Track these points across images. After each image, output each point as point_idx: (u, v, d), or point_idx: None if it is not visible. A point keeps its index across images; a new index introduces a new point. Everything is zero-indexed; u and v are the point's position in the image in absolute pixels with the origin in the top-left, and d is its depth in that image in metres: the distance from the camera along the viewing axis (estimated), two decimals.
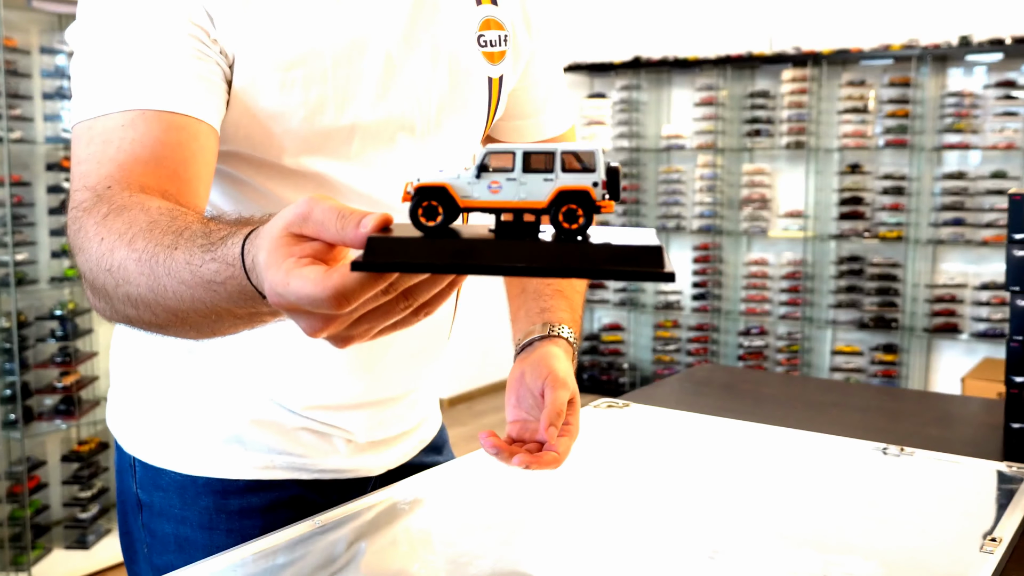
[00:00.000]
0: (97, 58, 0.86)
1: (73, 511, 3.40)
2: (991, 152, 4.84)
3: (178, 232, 0.72)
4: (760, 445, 1.30)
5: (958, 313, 4.97)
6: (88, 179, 0.83)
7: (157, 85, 0.85)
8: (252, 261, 0.63)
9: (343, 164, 0.97)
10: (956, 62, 4.94)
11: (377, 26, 0.96)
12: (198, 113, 0.86)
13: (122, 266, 0.74)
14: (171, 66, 0.86)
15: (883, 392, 2.02)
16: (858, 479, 1.18)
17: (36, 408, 3.31)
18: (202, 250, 0.68)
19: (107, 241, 0.76)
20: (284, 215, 0.60)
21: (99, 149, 0.84)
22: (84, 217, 0.80)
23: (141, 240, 0.73)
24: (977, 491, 1.15)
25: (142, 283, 0.73)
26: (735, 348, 5.62)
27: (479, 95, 1.06)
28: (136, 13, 0.86)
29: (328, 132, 0.95)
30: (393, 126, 0.99)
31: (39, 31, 3.32)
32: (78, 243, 0.80)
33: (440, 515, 1.07)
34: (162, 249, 0.71)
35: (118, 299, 0.76)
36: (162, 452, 1.05)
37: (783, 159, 5.45)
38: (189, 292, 0.70)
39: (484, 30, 1.05)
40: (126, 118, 0.84)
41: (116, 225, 0.76)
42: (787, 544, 0.96)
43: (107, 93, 0.85)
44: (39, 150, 3.34)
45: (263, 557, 0.91)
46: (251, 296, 0.66)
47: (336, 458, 1.07)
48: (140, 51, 0.85)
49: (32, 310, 3.31)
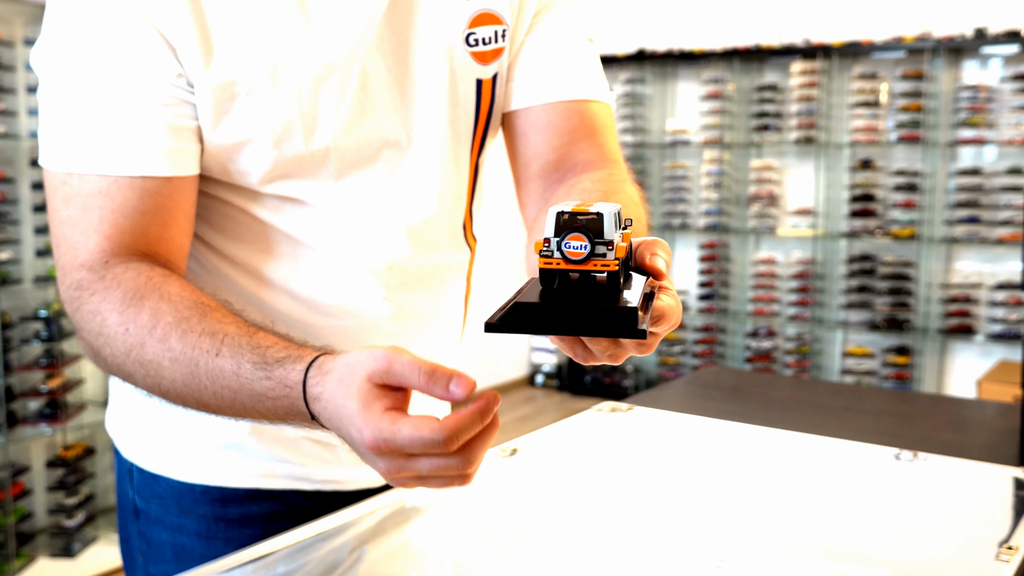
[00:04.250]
0: (66, 104, 0.88)
1: (58, 518, 3.41)
2: (1007, 147, 4.84)
3: (216, 336, 0.79)
4: (769, 450, 1.31)
5: (973, 314, 4.97)
6: (78, 254, 0.87)
7: (131, 149, 0.87)
8: (322, 395, 0.72)
9: (322, 186, 0.96)
10: (971, 54, 4.94)
11: (347, 45, 0.92)
12: (174, 171, 0.89)
13: (156, 363, 0.81)
14: (143, 123, 0.87)
15: (895, 395, 2.02)
16: (870, 485, 1.18)
17: (20, 412, 3.31)
18: (254, 367, 0.76)
19: (133, 334, 0.82)
20: (364, 364, 0.69)
21: (79, 215, 0.87)
22: (94, 300, 0.85)
23: (175, 340, 0.80)
24: (993, 498, 1.15)
25: (178, 380, 0.81)
26: (742, 350, 5.62)
27: (466, 100, 1.01)
28: (104, 49, 0.86)
29: (299, 157, 0.94)
30: (376, 144, 0.97)
31: (24, 22, 3.32)
32: (90, 326, 0.85)
33: (439, 522, 1.07)
34: (202, 354, 0.79)
35: (143, 382, 0.84)
36: (160, 459, 1.06)
37: (792, 155, 5.45)
38: (231, 396, 0.78)
39: (476, 27, 0.99)
40: (101, 184, 0.87)
41: (141, 318, 0.82)
42: (796, 552, 0.97)
43: (79, 152, 0.87)
44: (23, 145, 3.34)
45: (261, 565, 0.91)
46: (298, 414, 0.75)
47: (339, 468, 1.07)
48: (111, 104, 0.87)
49: (16, 311, 3.31)
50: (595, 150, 1.03)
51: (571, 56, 1.04)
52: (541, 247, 0.65)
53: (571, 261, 0.64)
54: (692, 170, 5.71)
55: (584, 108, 1.03)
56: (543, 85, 1.03)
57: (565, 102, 1.03)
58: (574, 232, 0.64)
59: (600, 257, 0.64)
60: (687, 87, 5.75)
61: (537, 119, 1.03)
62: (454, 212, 1.06)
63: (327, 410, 0.72)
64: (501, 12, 1.00)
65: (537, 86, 1.03)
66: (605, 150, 1.03)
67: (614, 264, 0.64)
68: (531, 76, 1.03)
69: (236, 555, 0.92)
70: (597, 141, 1.03)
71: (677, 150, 5.77)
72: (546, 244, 0.65)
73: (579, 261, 0.64)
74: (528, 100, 1.03)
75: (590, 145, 1.03)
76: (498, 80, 1.03)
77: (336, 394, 0.71)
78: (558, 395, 5.95)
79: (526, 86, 1.04)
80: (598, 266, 0.64)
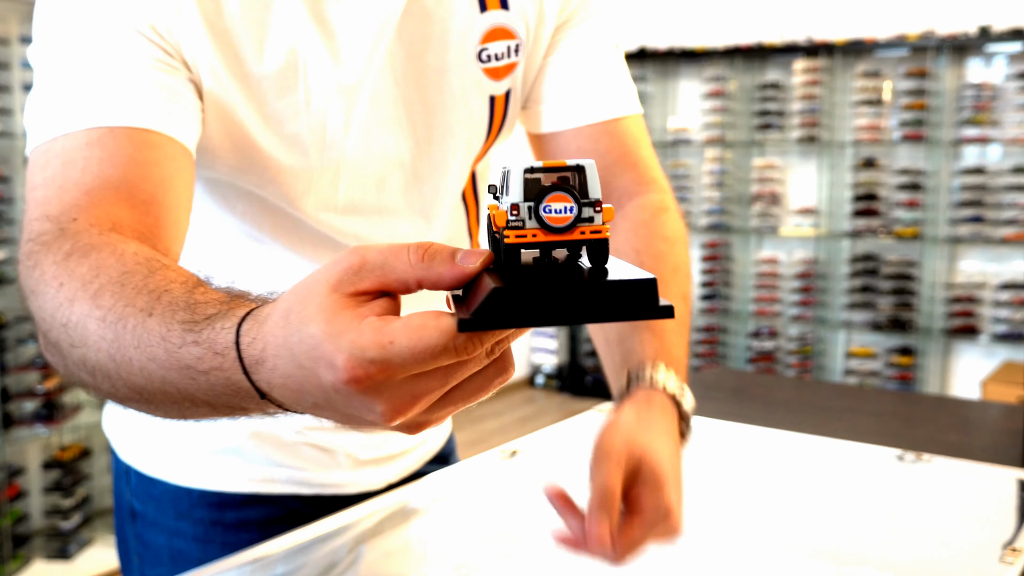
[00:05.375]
0: (55, 78, 0.79)
1: (54, 520, 3.41)
2: (1012, 146, 4.84)
3: (155, 293, 0.61)
4: (771, 451, 1.31)
5: (977, 314, 4.97)
6: (49, 206, 0.73)
7: (126, 99, 0.76)
8: (264, 352, 0.52)
9: (326, 202, 0.94)
10: (975, 52, 4.94)
11: (359, 62, 0.89)
12: (173, 132, 0.78)
13: (81, 324, 0.63)
14: (139, 79, 0.78)
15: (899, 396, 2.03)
16: (873, 487, 1.18)
17: (16, 413, 3.31)
18: (183, 327, 0.57)
19: (67, 288, 0.65)
20: (324, 275, 0.49)
21: (59, 172, 0.74)
22: (41, 252, 0.69)
23: (109, 295, 0.62)
24: (997, 500, 1.15)
25: (103, 349, 0.62)
26: (744, 351, 5.62)
27: (478, 118, 0.98)
28: (97, 28, 0.78)
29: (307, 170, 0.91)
30: (382, 162, 0.94)
31: (19, 20, 3.32)
32: (31, 284, 0.69)
33: (438, 525, 1.07)
34: (133, 313, 0.60)
35: (73, 361, 0.65)
36: (157, 462, 1.06)
37: (795, 154, 5.46)
38: (160, 373, 0.58)
39: (488, 42, 0.95)
40: (91, 136, 0.75)
41: (80, 269, 0.65)
42: (799, 554, 0.97)
43: (67, 111, 0.76)
44: (19, 144, 3.34)
45: (259, 566, 0.91)
46: (238, 391, 0.55)
47: (338, 472, 1.07)
48: (105, 66, 0.77)
49: (12, 311, 3.31)
50: (629, 173, 1.01)
51: (597, 73, 1.00)
52: (506, 217, 0.49)
53: (553, 230, 0.49)
54: (694, 169, 5.71)
55: (614, 128, 1.00)
56: (569, 109, 1.00)
57: (593, 125, 1.00)
58: (557, 192, 0.49)
59: (587, 222, 0.50)
60: (689, 85, 5.75)
61: (567, 145, 1.01)
62: (455, 223, 1.06)
63: (277, 370, 0.51)
64: (515, 27, 0.96)
65: (563, 110, 1.00)
66: (640, 169, 1.01)
67: (605, 230, 0.50)
68: (557, 99, 1.00)
69: (233, 557, 0.92)
70: (631, 161, 1.01)
71: (679, 149, 5.77)
72: (514, 212, 0.49)
73: (563, 229, 0.49)
74: (556, 124, 1.01)
75: (623, 168, 1.01)
76: (512, 96, 1.00)
77: (285, 336, 0.50)
78: (558, 396, 5.95)
79: (553, 110, 1.00)
80: (587, 233, 0.50)
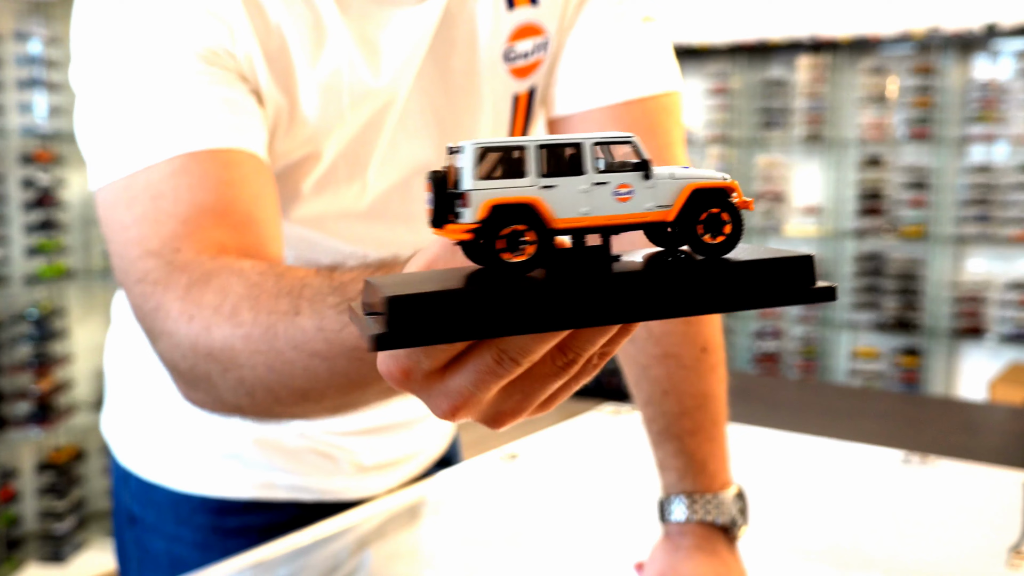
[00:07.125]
0: (118, 111, 0.76)
1: (48, 523, 3.41)
2: (1019, 144, 4.84)
3: (294, 292, 0.61)
4: (775, 453, 1.31)
5: (983, 314, 4.97)
6: (148, 243, 0.71)
7: (200, 122, 0.74)
8: None
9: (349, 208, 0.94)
10: (981, 49, 4.94)
11: (395, 84, 0.87)
12: (251, 146, 0.76)
13: (227, 347, 0.64)
14: (207, 99, 0.75)
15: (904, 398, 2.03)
16: (878, 489, 1.19)
17: (9, 415, 3.31)
18: (336, 311, 0.57)
19: (199, 319, 0.66)
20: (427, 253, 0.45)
21: (149, 207, 0.72)
22: (159, 292, 0.69)
23: (246, 311, 0.63)
24: (1003, 503, 1.16)
25: (259, 363, 0.63)
26: (748, 351, 5.62)
27: (500, 117, 0.96)
28: (155, 55, 0.75)
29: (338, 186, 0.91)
30: (406, 169, 0.94)
31: (13, 16, 3.32)
32: (156, 327, 0.70)
33: (437, 528, 1.07)
34: (279, 318, 0.61)
35: (227, 387, 0.66)
36: (158, 467, 1.06)
37: (799, 152, 5.46)
38: (325, 366, 0.59)
39: (516, 40, 0.91)
40: (173, 165, 0.72)
41: (206, 297, 0.66)
42: (803, 557, 0.97)
43: (143, 144, 0.73)
44: (12, 143, 3.34)
45: (261, 568, 0.91)
46: None
47: (340, 479, 1.07)
48: (171, 93, 0.74)
49: (4, 311, 3.31)
50: None
51: (613, 50, 0.91)
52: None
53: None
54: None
55: (631, 110, 0.91)
56: (579, 90, 0.93)
57: (602, 108, 0.91)
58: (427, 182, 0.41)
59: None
60: (691, 83, 5.75)
61: (576, 132, 0.98)
62: None
63: None
64: (544, 22, 0.92)
65: (573, 92, 0.93)
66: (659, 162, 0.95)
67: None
68: (569, 80, 0.93)
69: (234, 560, 0.93)
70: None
71: None
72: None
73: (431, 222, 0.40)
74: (565, 108, 0.94)
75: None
76: (535, 95, 0.97)
77: None
78: None
79: (564, 92, 0.94)
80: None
